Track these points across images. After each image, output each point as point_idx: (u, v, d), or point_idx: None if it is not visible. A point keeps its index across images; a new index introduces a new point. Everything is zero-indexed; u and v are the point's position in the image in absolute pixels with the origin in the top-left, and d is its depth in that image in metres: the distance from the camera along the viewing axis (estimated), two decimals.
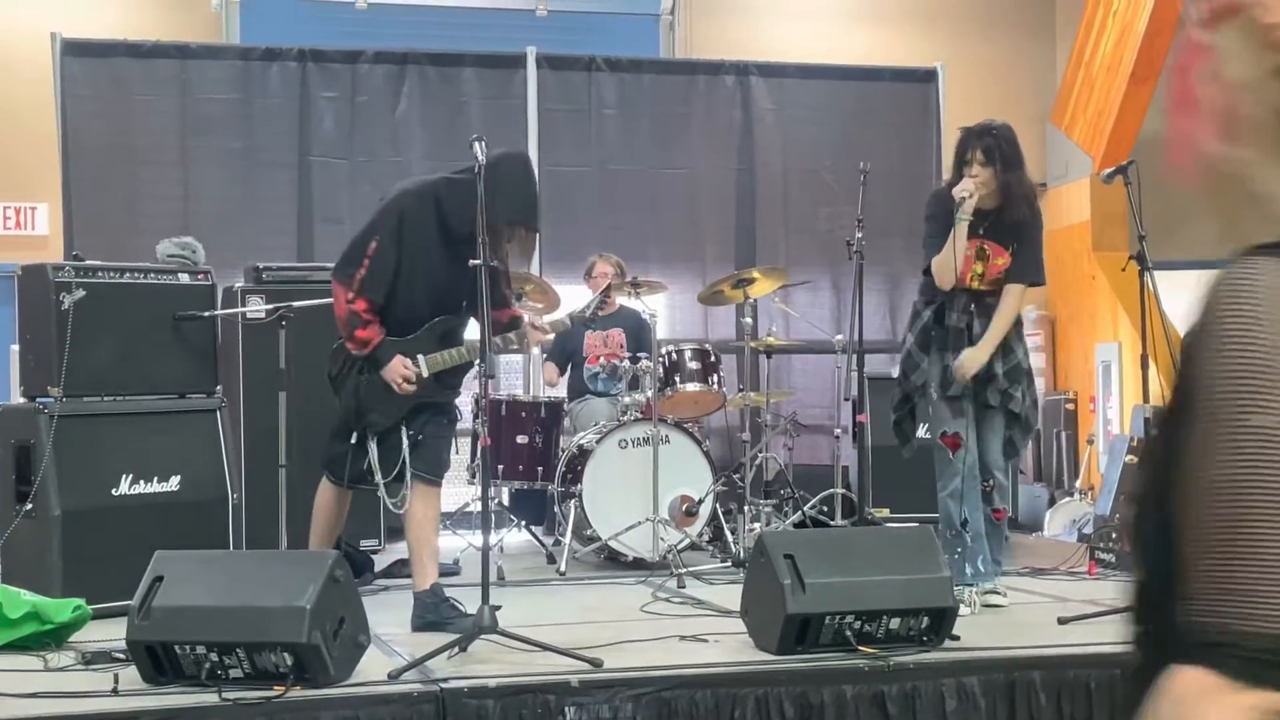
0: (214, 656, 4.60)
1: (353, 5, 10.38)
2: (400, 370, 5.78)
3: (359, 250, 5.77)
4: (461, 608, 5.69)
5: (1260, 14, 1.57)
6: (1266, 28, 1.57)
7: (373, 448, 5.95)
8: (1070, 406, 10.75)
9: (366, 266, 5.72)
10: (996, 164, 6.16)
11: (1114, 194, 7.89)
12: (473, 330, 5.86)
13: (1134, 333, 7.41)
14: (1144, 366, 6.27)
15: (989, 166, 6.16)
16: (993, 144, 6.17)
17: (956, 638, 5.23)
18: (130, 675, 4.68)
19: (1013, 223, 6.23)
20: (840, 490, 8.41)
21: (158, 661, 4.66)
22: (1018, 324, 6.39)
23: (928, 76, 10.49)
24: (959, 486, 6.21)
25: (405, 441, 5.88)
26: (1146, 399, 6.31)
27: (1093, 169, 10.59)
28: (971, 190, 6.10)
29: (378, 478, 5.94)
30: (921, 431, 6.55)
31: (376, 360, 5.79)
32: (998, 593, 6.23)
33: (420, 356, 5.83)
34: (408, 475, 5.87)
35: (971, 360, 6.15)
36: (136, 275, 6.55)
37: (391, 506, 5.93)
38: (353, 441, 5.95)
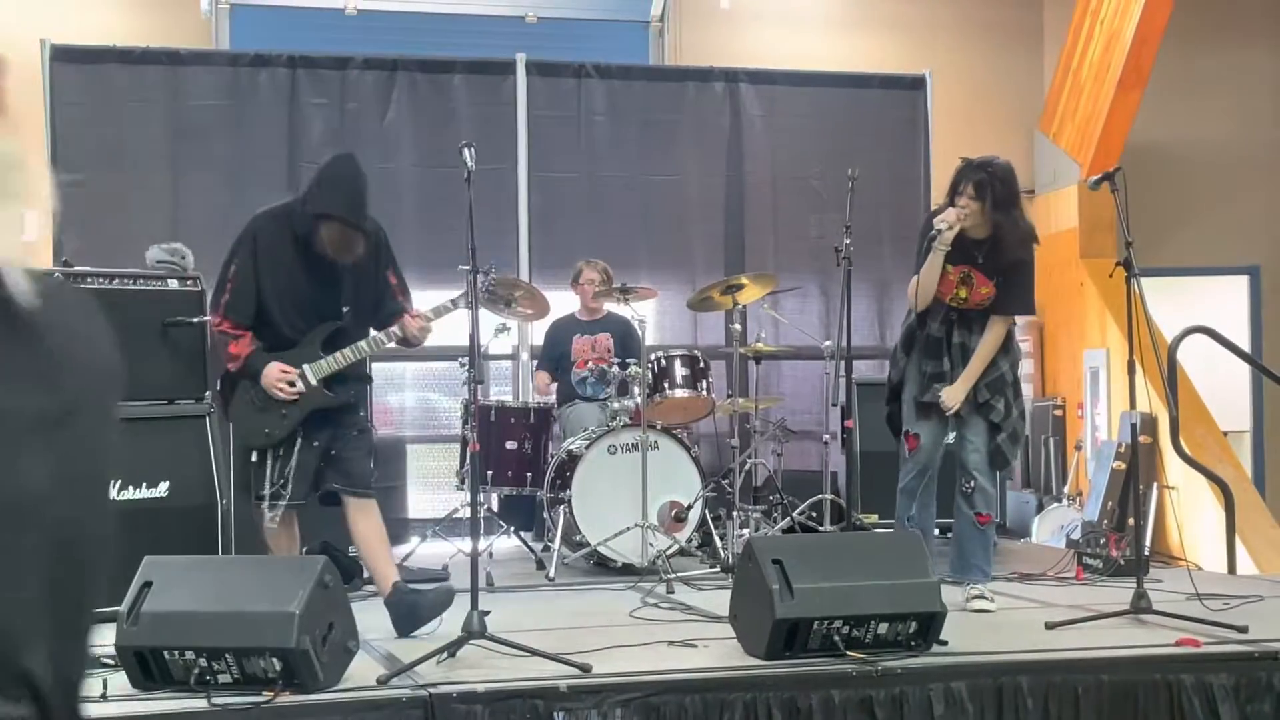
0: (203, 662, 4.60)
1: (342, 12, 10.39)
2: (277, 375, 5.78)
3: (222, 277, 5.90)
4: (426, 588, 5.80)
5: None
6: None
7: (269, 463, 5.87)
8: (1058, 412, 10.77)
9: (229, 290, 5.83)
10: (986, 200, 6.23)
11: (1101, 201, 7.91)
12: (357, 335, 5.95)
13: (1121, 339, 7.44)
14: (1131, 372, 6.29)
15: (978, 200, 6.23)
16: (985, 180, 6.23)
17: (944, 643, 5.24)
18: (119, 681, 4.68)
19: (1005, 260, 6.33)
20: (829, 496, 8.42)
21: (146, 667, 4.66)
22: (1007, 336, 6.49)
23: (916, 84, 10.53)
24: (910, 484, 6.44)
25: (297, 454, 5.84)
26: (1134, 405, 6.33)
27: (1080, 176, 10.63)
28: (952, 221, 6.21)
29: (265, 489, 5.83)
30: (949, 438, 6.62)
31: (253, 371, 5.80)
32: (984, 598, 6.25)
33: (305, 366, 5.83)
34: (286, 493, 5.83)
35: (952, 397, 6.34)
36: (126, 281, 6.55)
37: (267, 521, 5.87)
38: (253, 460, 5.91)
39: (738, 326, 8.20)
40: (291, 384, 5.78)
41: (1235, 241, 11.68)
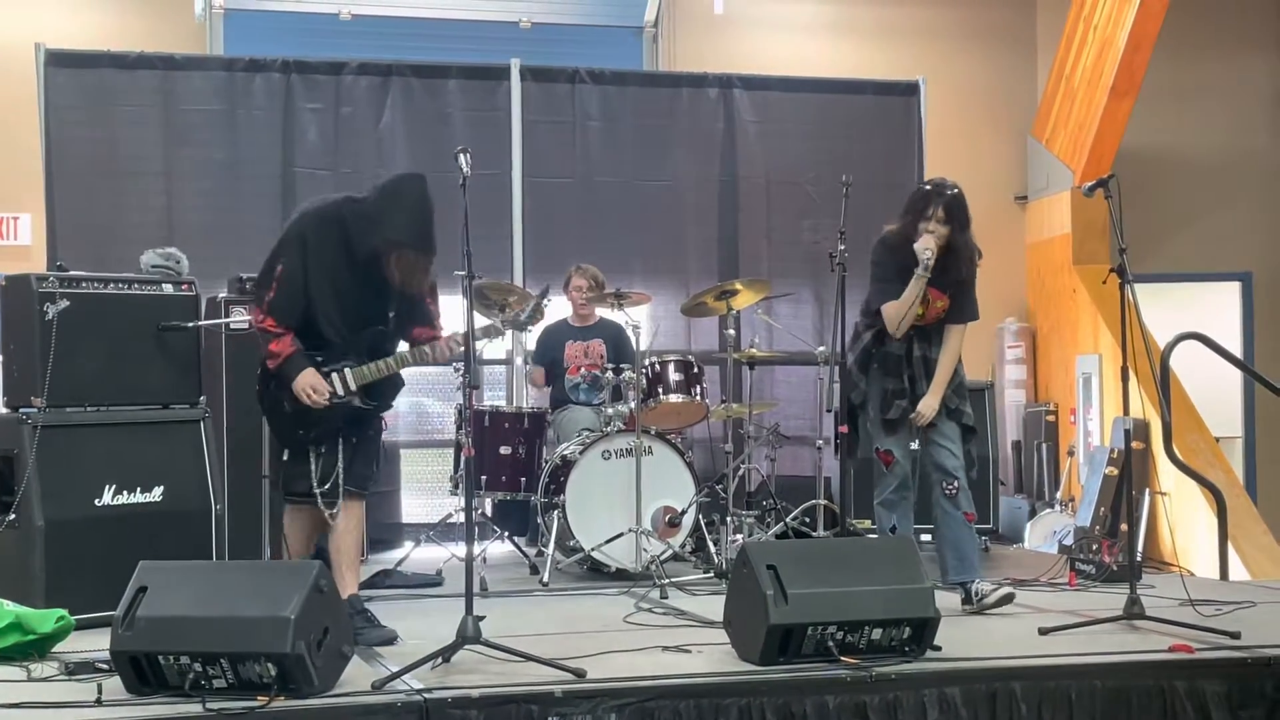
0: (197, 667, 4.60)
1: (337, 17, 10.39)
2: (309, 383, 5.74)
3: (268, 274, 5.84)
4: (375, 621, 5.75)
5: None
6: None
7: (313, 460, 5.87)
8: (1051, 418, 10.79)
9: (274, 290, 5.78)
10: (955, 224, 6.49)
11: (1095, 207, 7.95)
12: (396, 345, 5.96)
13: (1114, 345, 7.46)
14: (1124, 379, 6.30)
15: (948, 225, 6.48)
16: (953, 204, 6.49)
17: (938, 648, 5.25)
18: (114, 686, 4.68)
19: (956, 276, 6.56)
20: (823, 501, 8.44)
21: (141, 672, 4.66)
22: None
23: (910, 90, 10.54)
24: (890, 497, 6.55)
25: (341, 453, 5.87)
26: (1127, 411, 6.34)
27: (1073, 182, 10.65)
28: (933, 249, 6.42)
29: (315, 488, 5.85)
30: (914, 444, 6.66)
31: (286, 374, 5.76)
32: (998, 588, 6.46)
33: (347, 370, 5.82)
34: (340, 488, 5.85)
35: (928, 408, 6.51)
36: (120, 286, 6.54)
37: (328, 519, 5.87)
38: (286, 456, 5.93)
39: (731, 332, 8.20)
40: (320, 393, 5.75)
41: (1228, 248, 11.70)
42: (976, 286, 6.69)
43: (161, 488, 6.38)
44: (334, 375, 5.81)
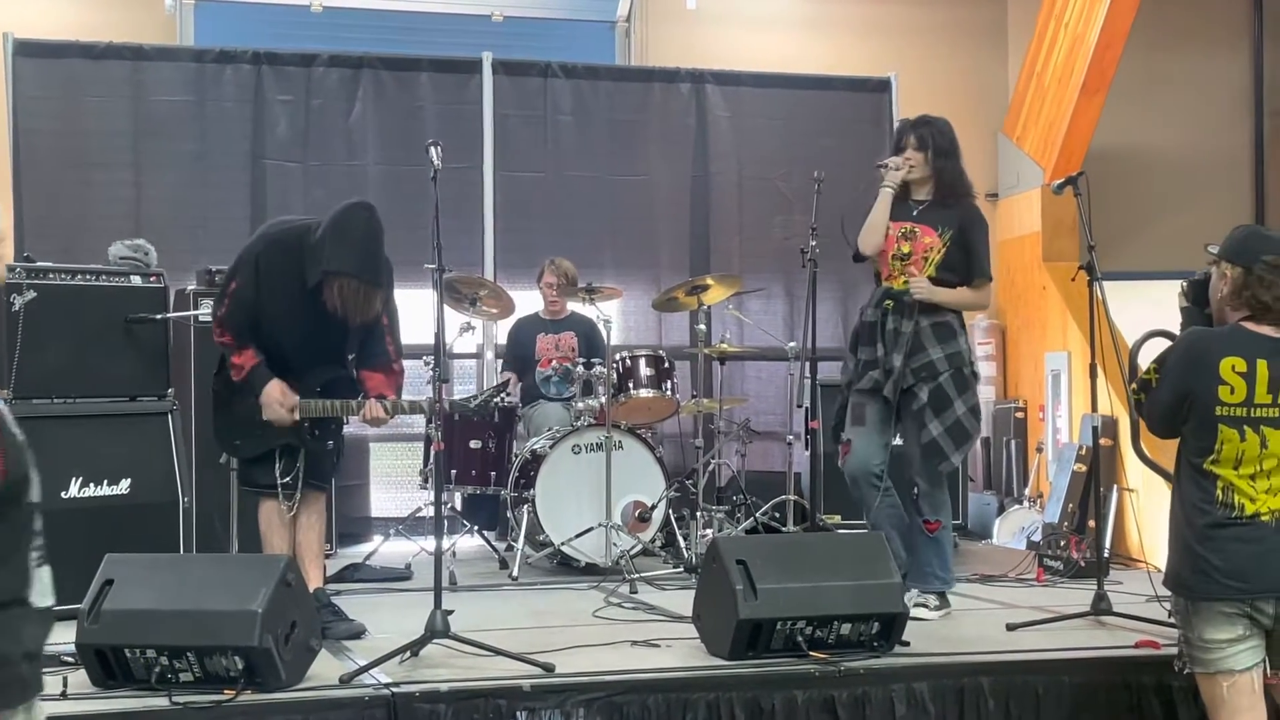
0: (164, 660, 4.59)
1: (308, 9, 10.33)
2: (277, 397, 5.70)
3: (223, 290, 5.82)
4: (343, 614, 5.75)
5: None
6: None
7: (278, 458, 5.84)
8: (1020, 415, 10.81)
9: (226, 306, 5.75)
10: (929, 150, 6.39)
11: (1065, 204, 7.95)
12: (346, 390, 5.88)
13: (1083, 342, 7.48)
14: (1093, 376, 6.33)
15: (920, 151, 6.39)
16: (927, 132, 6.41)
17: (907, 644, 5.27)
18: (79, 679, 4.66)
19: (947, 210, 6.39)
20: (792, 497, 8.44)
21: (107, 665, 4.64)
22: (939, 326, 6.35)
23: (881, 86, 10.56)
24: (852, 492, 6.37)
25: (304, 448, 5.85)
26: (1095, 408, 6.37)
27: (1044, 179, 10.68)
28: (899, 164, 6.33)
29: (279, 479, 5.82)
30: (896, 440, 6.53)
31: (252, 386, 5.72)
32: (924, 605, 6.14)
33: (298, 400, 5.76)
34: (299, 482, 5.83)
35: (917, 285, 6.26)
36: (88, 277, 6.52)
37: (285, 510, 5.85)
38: (257, 454, 5.88)
39: (702, 327, 8.21)
40: (290, 405, 5.71)
41: (1197, 245, 11.64)
42: (987, 246, 6.45)
43: (129, 480, 6.36)
44: None
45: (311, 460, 5.88)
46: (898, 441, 6.46)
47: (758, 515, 8.32)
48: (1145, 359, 6.51)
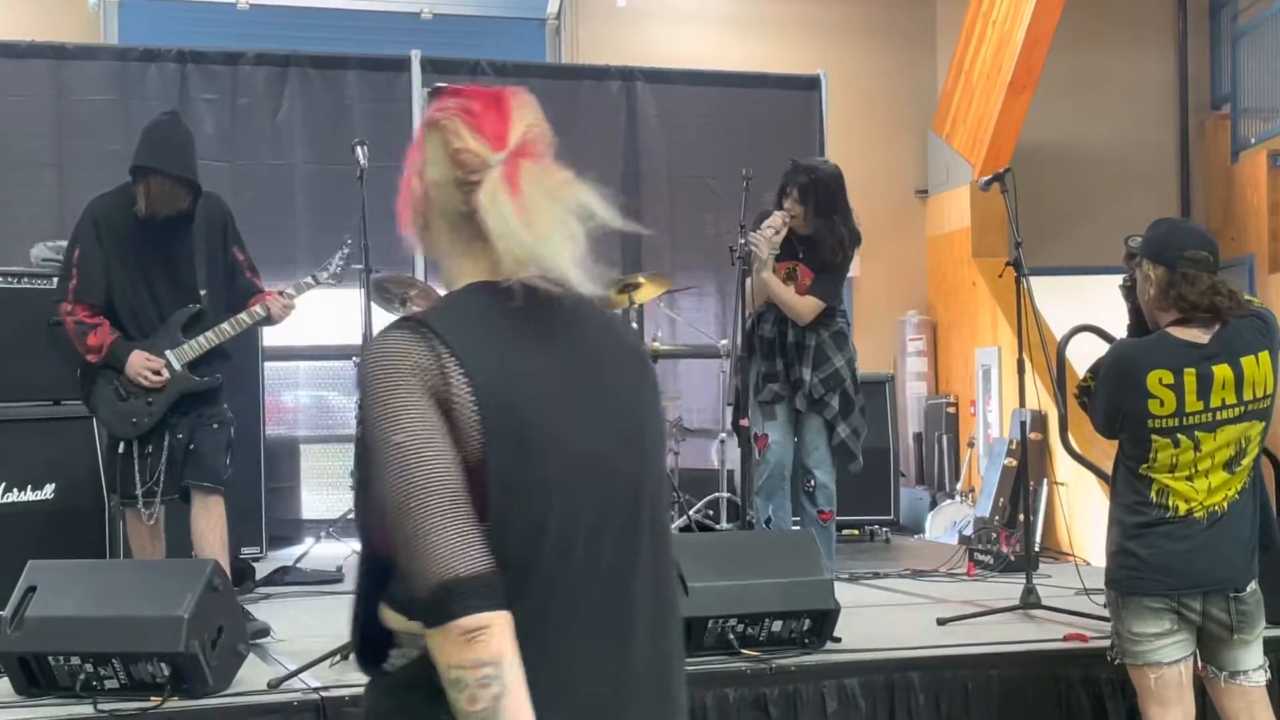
0: (89, 667, 4.52)
1: (234, 6, 10.25)
2: (143, 364, 5.65)
3: (67, 265, 5.77)
4: (248, 614, 5.64)
5: (451, 137, 2.27)
6: (454, 150, 2.25)
7: (137, 460, 5.72)
8: (951, 410, 10.89)
9: (75, 275, 5.70)
10: (810, 205, 6.60)
11: (993, 201, 8.02)
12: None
13: (1013, 337, 7.54)
14: (1021, 371, 6.38)
15: (803, 205, 6.60)
16: (808, 185, 6.60)
17: (838, 640, 5.28)
18: (2, 688, 4.59)
19: (822, 261, 6.67)
20: (725, 494, 8.45)
21: (30, 673, 4.58)
22: (836, 334, 6.75)
23: (811, 84, 10.58)
24: (767, 485, 6.66)
25: (167, 447, 5.73)
26: (1024, 403, 6.42)
27: (973, 176, 10.75)
28: (778, 226, 6.52)
29: (137, 488, 5.70)
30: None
31: (116, 360, 5.66)
32: None
33: (169, 352, 5.71)
34: (159, 489, 5.72)
35: (759, 238, 6.48)
36: (10, 280, 6.44)
37: (145, 520, 5.76)
38: (120, 451, 5.76)
39: (634, 325, 8.20)
40: (157, 372, 5.66)
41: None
42: (856, 274, 6.83)
43: (52, 485, 6.28)
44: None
45: (195, 458, 5.74)
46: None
47: (690, 513, 8.32)
48: (1073, 354, 6.58)
